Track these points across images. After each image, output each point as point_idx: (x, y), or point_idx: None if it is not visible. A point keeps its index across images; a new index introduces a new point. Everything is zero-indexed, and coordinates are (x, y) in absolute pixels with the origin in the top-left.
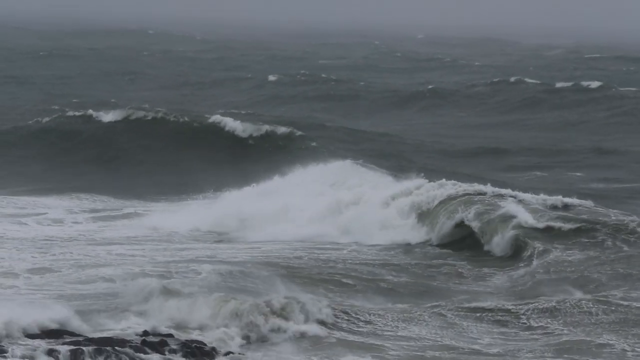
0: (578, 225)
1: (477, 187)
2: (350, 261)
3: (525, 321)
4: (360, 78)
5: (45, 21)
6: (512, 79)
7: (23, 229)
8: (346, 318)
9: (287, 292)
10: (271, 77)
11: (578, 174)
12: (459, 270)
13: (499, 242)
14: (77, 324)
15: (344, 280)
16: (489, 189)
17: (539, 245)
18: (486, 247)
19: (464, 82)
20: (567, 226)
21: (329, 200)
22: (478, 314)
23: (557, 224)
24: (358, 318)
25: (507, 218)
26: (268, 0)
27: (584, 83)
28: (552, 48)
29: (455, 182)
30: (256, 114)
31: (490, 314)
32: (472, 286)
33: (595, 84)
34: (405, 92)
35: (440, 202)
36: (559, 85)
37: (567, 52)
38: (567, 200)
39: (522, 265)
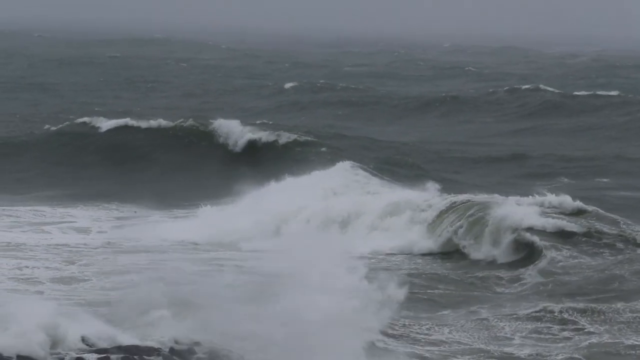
0: (585, 229)
1: (477, 196)
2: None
3: (554, 323)
4: (381, 85)
5: (70, 29)
6: (533, 87)
7: (47, 237)
8: None
9: None
10: (289, 85)
11: (605, 179)
12: (479, 276)
13: (502, 249)
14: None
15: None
16: (493, 197)
17: (548, 248)
18: (485, 256)
19: (485, 89)
20: (575, 229)
21: (320, 214)
22: (509, 318)
23: (564, 227)
24: (393, 325)
25: (508, 224)
26: (296, 10)
27: (602, 92)
28: (575, 56)
29: (446, 195)
30: (268, 121)
31: (519, 318)
32: (494, 292)
33: (613, 92)
34: (426, 99)
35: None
36: (578, 92)
37: (590, 60)
38: (576, 204)
39: (538, 268)
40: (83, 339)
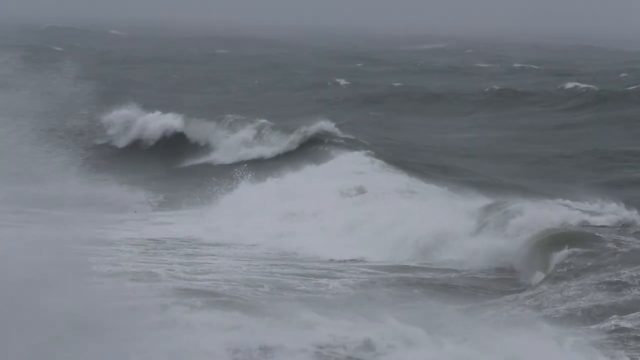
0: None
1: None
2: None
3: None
4: (434, 83)
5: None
6: (595, 85)
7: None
8: None
9: None
10: (341, 81)
11: None
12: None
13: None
14: None
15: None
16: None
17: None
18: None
19: (542, 86)
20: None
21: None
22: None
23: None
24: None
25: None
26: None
27: None
28: None
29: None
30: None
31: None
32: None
33: None
34: (479, 97)
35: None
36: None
37: None
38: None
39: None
40: None
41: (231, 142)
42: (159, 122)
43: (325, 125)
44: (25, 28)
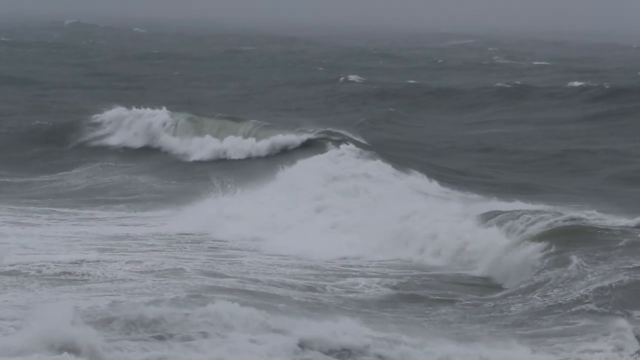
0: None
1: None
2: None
3: None
4: (451, 80)
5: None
6: (612, 82)
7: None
8: None
9: None
10: (359, 78)
11: None
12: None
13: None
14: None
15: None
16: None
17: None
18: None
19: (560, 83)
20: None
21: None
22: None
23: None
24: None
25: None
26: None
27: None
28: None
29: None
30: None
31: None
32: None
33: None
34: (495, 93)
35: None
36: None
37: None
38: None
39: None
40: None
41: (232, 140)
42: (147, 120)
43: (323, 125)
44: (48, 25)
